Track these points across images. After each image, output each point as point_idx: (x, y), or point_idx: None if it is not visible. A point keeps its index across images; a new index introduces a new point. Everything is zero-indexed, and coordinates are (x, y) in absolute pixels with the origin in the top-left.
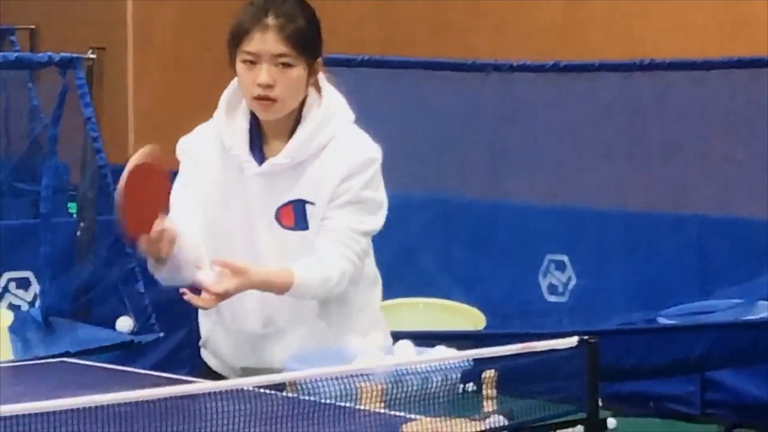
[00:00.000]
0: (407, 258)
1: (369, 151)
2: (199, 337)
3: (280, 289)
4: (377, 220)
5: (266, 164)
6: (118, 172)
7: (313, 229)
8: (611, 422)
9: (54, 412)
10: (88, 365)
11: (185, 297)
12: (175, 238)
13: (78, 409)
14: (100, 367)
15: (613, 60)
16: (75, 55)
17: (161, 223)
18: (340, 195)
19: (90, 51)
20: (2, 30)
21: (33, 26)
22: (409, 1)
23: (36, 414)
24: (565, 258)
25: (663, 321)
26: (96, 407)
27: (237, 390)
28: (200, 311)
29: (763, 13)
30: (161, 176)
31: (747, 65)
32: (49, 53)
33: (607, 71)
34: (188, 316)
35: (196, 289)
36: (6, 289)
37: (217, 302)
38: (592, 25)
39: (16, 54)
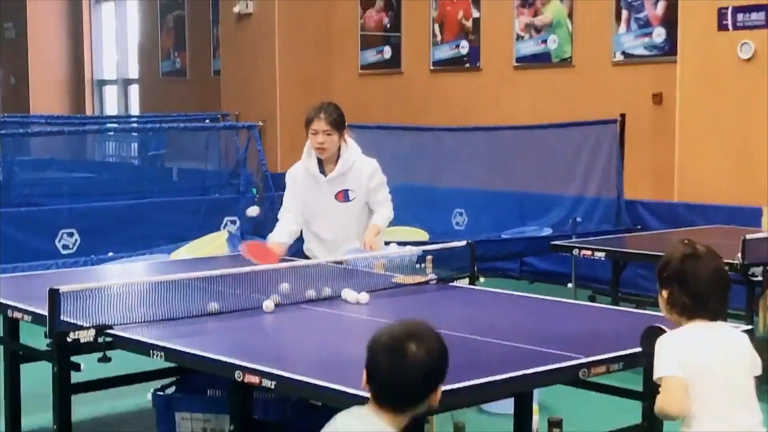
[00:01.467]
0: (395, 211)
1: (375, 163)
2: (302, 244)
3: (378, 229)
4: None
5: (328, 176)
6: (273, 176)
7: (353, 202)
8: (481, 280)
9: (239, 273)
10: None
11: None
12: (282, 249)
13: (245, 272)
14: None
15: (484, 125)
16: (254, 123)
17: (276, 251)
18: (374, 185)
19: (261, 121)
20: (224, 114)
21: (237, 112)
22: (393, 96)
23: (243, 273)
24: (463, 210)
25: (504, 236)
26: (252, 271)
27: (320, 264)
28: (304, 230)
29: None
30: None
31: (551, 127)
32: (242, 122)
33: (482, 131)
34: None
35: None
36: (225, 224)
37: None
38: (477, 108)
39: (228, 123)
